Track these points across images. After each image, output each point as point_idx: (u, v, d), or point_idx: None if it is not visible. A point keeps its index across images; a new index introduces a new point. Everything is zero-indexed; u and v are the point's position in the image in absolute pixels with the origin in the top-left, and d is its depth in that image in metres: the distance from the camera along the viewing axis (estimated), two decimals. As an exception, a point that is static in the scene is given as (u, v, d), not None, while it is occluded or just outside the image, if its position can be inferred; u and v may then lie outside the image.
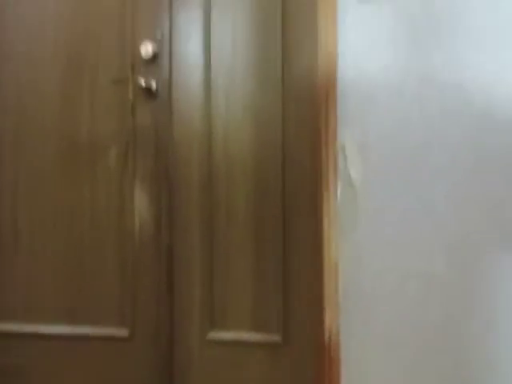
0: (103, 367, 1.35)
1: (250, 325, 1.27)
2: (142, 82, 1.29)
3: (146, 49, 1.29)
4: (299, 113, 1.26)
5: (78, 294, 1.37)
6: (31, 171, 1.40)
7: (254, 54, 1.29)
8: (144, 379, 1.31)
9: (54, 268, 1.38)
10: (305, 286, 1.25)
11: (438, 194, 1.11)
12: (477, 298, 1.09)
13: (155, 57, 1.30)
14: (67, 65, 1.38)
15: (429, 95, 1.11)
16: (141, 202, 1.34)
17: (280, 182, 1.27)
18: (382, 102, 1.13)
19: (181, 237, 1.32)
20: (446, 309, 1.10)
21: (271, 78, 1.27)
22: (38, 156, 1.40)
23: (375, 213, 1.14)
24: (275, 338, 1.26)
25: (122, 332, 1.34)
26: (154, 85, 1.31)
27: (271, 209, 1.28)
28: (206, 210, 1.31)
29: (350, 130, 1.15)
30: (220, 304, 1.30)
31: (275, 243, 1.28)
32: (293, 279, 1.26)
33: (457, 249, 1.10)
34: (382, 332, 1.13)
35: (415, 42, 1.12)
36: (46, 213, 1.39)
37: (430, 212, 1.11)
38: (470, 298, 1.10)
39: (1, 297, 1.41)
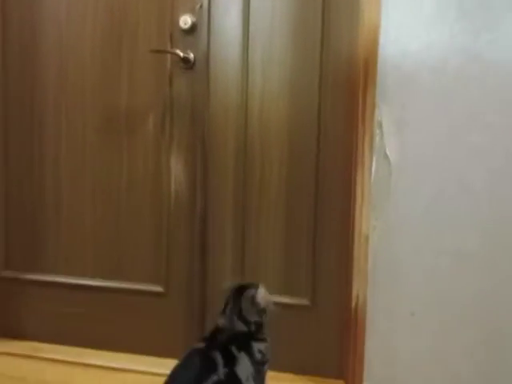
0: (141, 319, 1.43)
1: (280, 287, 1.32)
2: (180, 53, 1.29)
3: (185, 19, 1.27)
4: (337, 86, 1.25)
5: (116, 253, 1.43)
6: (72, 139, 1.44)
7: (293, 26, 1.27)
8: (178, 331, 1.40)
9: (94, 229, 1.44)
10: (334, 255, 1.29)
11: (475, 174, 1.12)
12: (508, 275, 1.12)
13: (194, 28, 1.29)
14: (107, 33, 1.38)
15: (472, 74, 1.09)
16: (177, 167, 1.38)
17: (314, 154, 1.29)
18: (424, 80, 1.12)
19: (215, 200, 1.36)
20: (476, 285, 1.13)
21: (310, 51, 1.26)
22: (79, 124, 1.43)
23: (409, 189, 1.16)
24: (304, 301, 1.32)
25: (158, 288, 1.41)
26: (191, 55, 1.31)
27: (304, 178, 1.31)
28: (240, 174, 1.34)
29: (389, 106, 1.15)
30: (250, 265, 1.35)
31: (307, 210, 1.31)
32: (323, 247, 1.30)
33: (491, 228, 1.12)
34: (409, 305, 1.17)
35: (462, 19, 1.08)
36: (86, 178, 1.44)
37: (466, 191, 1.12)
38: (502, 276, 1.12)
39: (45, 254, 1.48)
